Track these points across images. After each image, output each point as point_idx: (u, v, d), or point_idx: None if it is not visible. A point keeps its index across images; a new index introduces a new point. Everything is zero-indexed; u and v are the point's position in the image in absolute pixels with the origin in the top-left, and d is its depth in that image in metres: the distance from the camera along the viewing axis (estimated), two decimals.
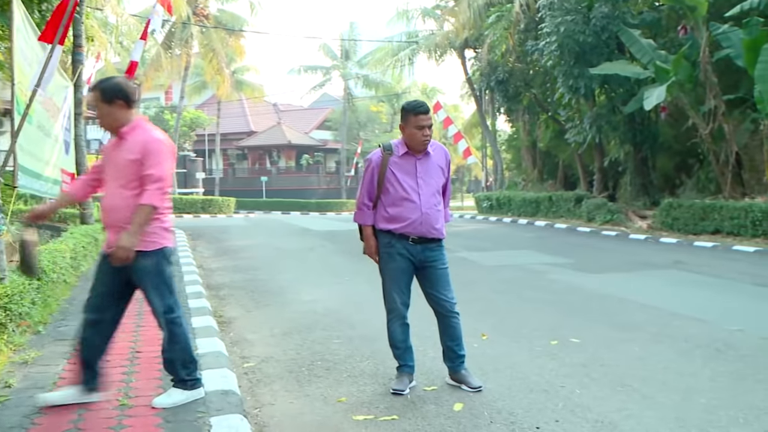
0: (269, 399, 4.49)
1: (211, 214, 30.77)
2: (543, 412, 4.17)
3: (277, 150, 52.26)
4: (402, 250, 4.58)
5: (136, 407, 3.95)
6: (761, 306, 7.66)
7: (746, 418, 4.05)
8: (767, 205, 13.63)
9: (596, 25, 17.14)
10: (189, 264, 10.52)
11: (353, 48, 49.87)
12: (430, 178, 4.57)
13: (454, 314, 4.68)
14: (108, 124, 4.04)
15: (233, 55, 38.07)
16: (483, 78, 24.84)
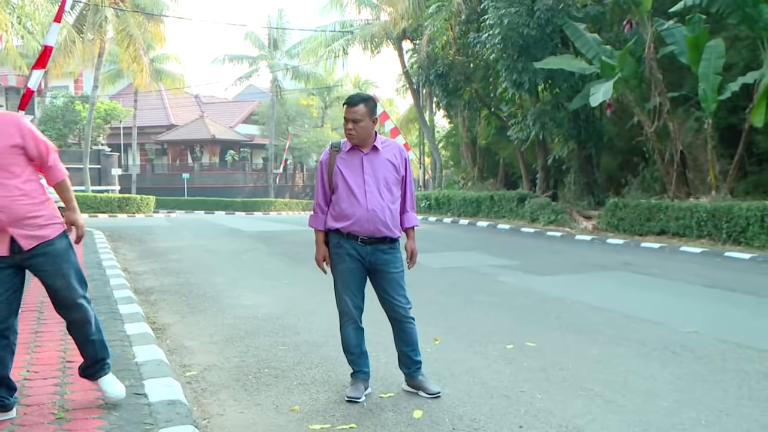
0: (217, 409, 4.47)
1: (129, 213, 30.13)
2: (506, 418, 4.28)
3: (199, 145, 51.44)
4: (351, 251, 4.62)
5: (75, 420, 3.86)
6: (713, 307, 8.00)
7: (708, 419, 4.25)
8: (712, 206, 14.22)
9: (540, 18, 17.52)
10: (113, 267, 10.29)
11: (282, 37, 49.58)
12: (379, 174, 4.61)
13: (409, 319, 4.74)
14: None
15: (152, 42, 37.28)
16: (422, 71, 25.05)
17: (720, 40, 14.93)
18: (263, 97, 54.89)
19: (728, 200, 14.51)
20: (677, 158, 16.32)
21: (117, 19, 32.86)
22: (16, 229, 3.89)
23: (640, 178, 18.64)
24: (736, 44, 16.08)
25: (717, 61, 14.64)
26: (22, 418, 3.89)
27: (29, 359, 5.11)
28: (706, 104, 14.85)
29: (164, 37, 36.78)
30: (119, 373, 4.74)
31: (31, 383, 4.55)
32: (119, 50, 35.04)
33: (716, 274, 10.37)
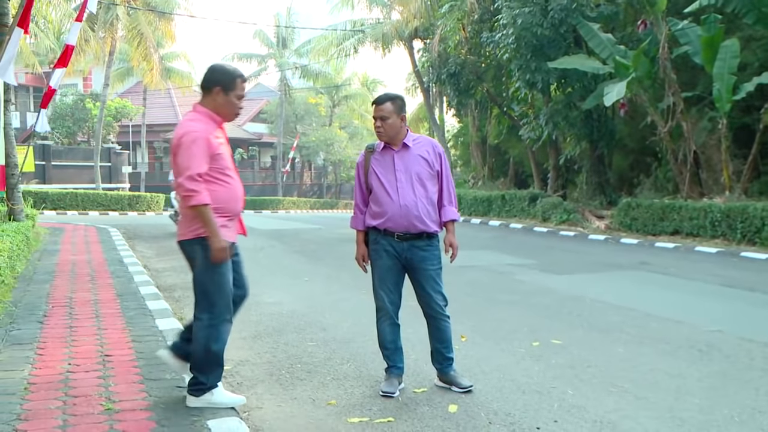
0: (256, 402, 4.55)
1: (139, 211, 30.27)
2: (540, 413, 4.35)
3: None
4: (388, 247, 4.73)
5: (124, 411, 3.96)
6: (734, 307, 8.06)
7: (741, 417, 4.32)
8: (726, 206, 14.26)
9: (554, 18, 17.56)
10: (134, 264, 10.40)
11: (291, 36, 49.63)
12: (410, 170, 4.70)
13: (444, 317, 4.83)
14: None
15: (162, 40, 37.41)
16: (433, 70, 25.11)
17: (735, 40, 14.96)
18: (271, 95, 54.96)
19: (742, 200, 14.56)
20: (690, 158, 16.36)
21: (128, 17, 33.02)
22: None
23: (653, 178, 18.69)
24: (752, 44, 16.10)
25: (732, 61, 14.68)
26: (73, 409, 3.99)
27: (68, 353, 5.20)
28: (721, 104, 14.89)
29: (174, 36, 36.89)
30: (159, 367, 4.86)
31: (75, 375, 4.64)
32: (129, 48, 35.18)
33: (734, 274, 10.42)
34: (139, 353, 5.23)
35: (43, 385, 4.42)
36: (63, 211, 27.33)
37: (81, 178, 35.02)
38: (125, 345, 5.47)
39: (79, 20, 11.84)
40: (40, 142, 33.53)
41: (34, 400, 4.14)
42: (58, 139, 37.42)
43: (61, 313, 6.63)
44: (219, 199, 4.01)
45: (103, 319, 6.39)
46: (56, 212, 26.70)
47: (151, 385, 4.46)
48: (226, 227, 4.05)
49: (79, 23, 11.76)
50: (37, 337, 5.65)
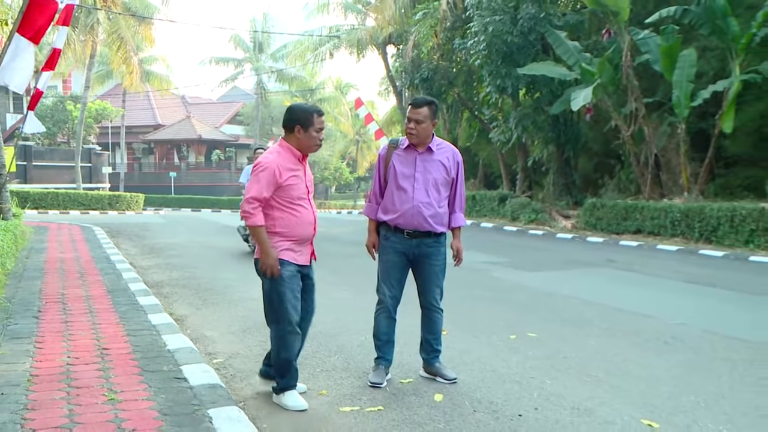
0: (250, 393, 4.61)
1: (119, 210, 30.01)
2: (521, 401, 4.46)
3: (186, 144, 51.21)
4: (397, 245, 4.80)
5: (127, 402, 3.99)
6: (696, 302, 8.26)
7: (706, 402, 4.47)
8: (685, 207, 14.56)
9: (524, 26, 17.78)
10: (121, 261, 10.37)
11: (267, 41, 49.49)
12: (429, 174, 4.77)
13: (438, 310, 4.95)
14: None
15: (141, 44, 37.10)
16: (406, 75, 25.20)
17: (692, 50, 15.27)
18: (248, 98, 54.78)
19: (700, 201, 14.87)
20: (651, 161, 16.67)
21: (109, 21, 32.67)
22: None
23: (616, 179, 18.98)
24: (707, 54, 16.42)
25: (689, 70, 14.99)
26: (77, 399, 4.01)
27: (67, 346, 5.21)
28: (680, 110, 15.18)
29: (154, 40, 36.61)
30: (156, 359, 4.90)
31: (75, 368, 4.65)
32: (109, 52, 34.83)
33: (694, 271, 10.65)
34: (135, 346, 5.25)
35: (45, 378, 4.43)
36: (44, 210, 27.02)
37: (61, 178, 34.63)
38: (121, 339, 5.48)
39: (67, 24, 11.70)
40: (22, 142, 33.07)
41: (39, 391, 4.16)
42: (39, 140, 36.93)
43: (56, 309, 6.61)
44: (286, 224, 4.30)
45: (97, 315, 6.38)
46: (38, 211, 26.38)
47: (150, 377, 4.49)
48: (291, 250, 4.33)
49: (66, 27, 11.62)
50: (35, 332, 5.64)
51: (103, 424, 3.61)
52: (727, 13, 14.28)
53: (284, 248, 4.29)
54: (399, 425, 4.01)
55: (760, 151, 16.29)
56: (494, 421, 4.10)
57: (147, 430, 3.54)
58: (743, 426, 4.07)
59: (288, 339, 4.34)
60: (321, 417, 4.18)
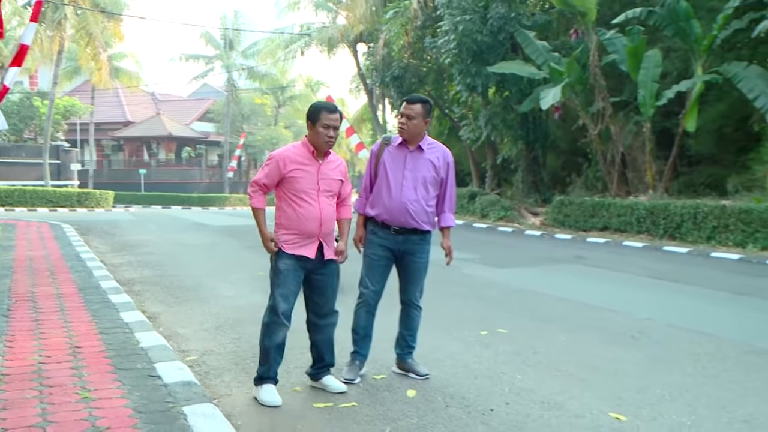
0: (225, 390, 4.59)
1: (88, 207, 29.59)
2: (492, 396, 4.51)
3: (156, 141, 50.66)
4: (384, 240, 4.81)
5: (101, 399, 3.95)
6: (661, 297, 8.40)
7: (671, 395, 4.56)
8: (650, 204, 14.79)
9: (493, 25, 17.90)
10: (92, 259, 10.25)
11: (237, 38, 49.12)
12: (418, 172, 4.79)
13: (417, 307, 4.99)
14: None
15: (110, 40, 36.60)
16: (377, 73, 25.20)
17: (657, 51, 15.51)
18: (218, 95, 54.36)
19: (664, 199, 15.11)
20: (618, 159, 16.89)
21: (77, 16, 32.16)
22: (325, 240, 4.47)
23: (584, 177, 19.21)
24: (671, 55, 16.70)
25: (654, 70, 15.22)
26: (50, 398, 3.96)
27: (38, 345, 5.14)
28: (645, 109, 15.40)
29: (123, 36, 36.14)
30: (129, 357, 4.86)
31: (47, 366, 4.59)
32: (77, 47, 34.31)
33: (659, 267, 10.82)
34: (108, 344, 5.20)
35: (16, 376, 4.38)
36: (11, 208, 26.55)
37: (29, 175, 34.07)
38: (94, 337, 5.42)
39: (35, 20, 11.54)
40: None
41: (10, 390, 4.10)
42: (5, 136, 36.28)
43: (26, 307, 6.52)
44: (288, 217, 4.41)
45: (68, 313, 6.31)
46: (4, 209, 25.92)
47: (124, 375, 4.45)
48: (292, 243, 4.40)
49: (35, 24, 11.47)
50: (5, 330, 5.56)
51: (76, 423, 3.57)
52: (690, 16, 14.52)
53: (285, 240, 4.39)
54: (372, 421, 4.03)
55: (721, 150, 16.62)
56: (466, 415, 4.14)
57: (122, 428, 3.51)
58: (705, 417, 4.16)
59: (271, 327, 4.42)
60: (295, 413, 4.18)
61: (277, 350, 4.42)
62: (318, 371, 4.66)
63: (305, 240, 4.40)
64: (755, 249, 12.18)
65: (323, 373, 4.65)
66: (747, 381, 4.90)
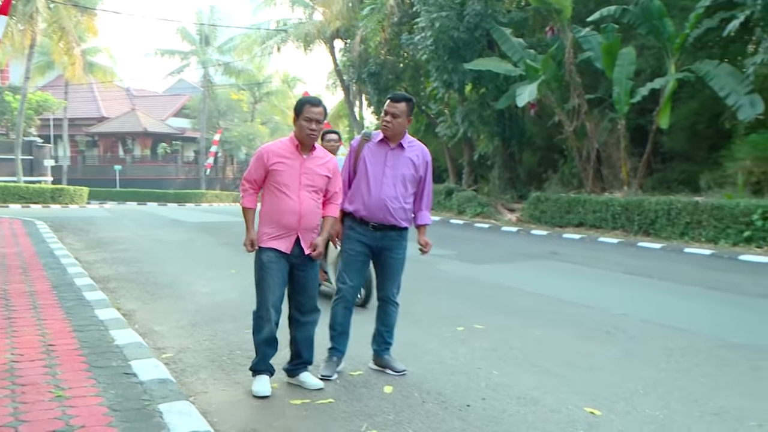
0: (201, 387, 4.56)
1: (62, 204, 29.25)
2: (469, 392, 4.53)
3: (131, 137, 50.15)
4: (362, 236, 4.81)
5: (75, 398, 3.90)
6: (636, 292, 8.49)
7: (645, 389, 4.62)
8: (625, 200, 14.93)
9: (470, 22, 17.95)
10: (66, 256, 10.12)
11: (213, 33, 48.74)
12: (398, 169, 4.80)
13: (394, 303, 4.99)
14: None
15: (84, 35, 36.11)
16: (354, 69, 25.19)
17: (631, 48, 15.65)
18: (194, 91, 53.91)
19: (639, 195, 15.25)
20: (593, 156, 17.03)
21: (49, 10, 31.68)
22: (304, 235, 4.47)
23: (560, 173, 19.33)
24: (645, 53, 16.85)
25: (629, 67, 15.36)
26: (22, 397, 3.90)
27: (10, 343, 5.06)
28: (620, 106, 15.54)
29: (97, 30, 35.71)
30: (104, 355, 4.81)
31: (20, 365, 4.52)
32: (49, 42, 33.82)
33: (634, 263, 10.93)
34: (82, 342, 5.13)
35: None
36: None
37: (0, 171, 33.57)
38: (68, 335, 5.36)
39: (5, 13, 11.33)
40: None
41: None
42: None
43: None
44: (268, 208, 4.47)
45: (41, 310, 6.22)
46: None
47: (99, 373, 4.40)
48: (272, 236, 4.42)
49: (5, 17, 11.26)
50: None
51: (50, 422, 3.52)
52: (663, 14, 14.68)
53: (265, 233, 4.43)
54: (349, 417, 4.03)
55: (693, 147, 16.81)
56: (443, 411, 4.15)
57: (96, 426, 3.47)
58: (677, 410, 4.21)
59: (259, 323, 4.45)
60: (272, 409, 4.17)
61: (266, 344, 4.46)
62: (295, 368, 4.64)
63: (282, 233, 4.40)
64: (727, 244, 12.34)
65: (300, 369, 4.64)
66: (718, 375, 4.97)
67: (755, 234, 11.97)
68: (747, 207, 12.16)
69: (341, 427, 3.88)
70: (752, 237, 12.02)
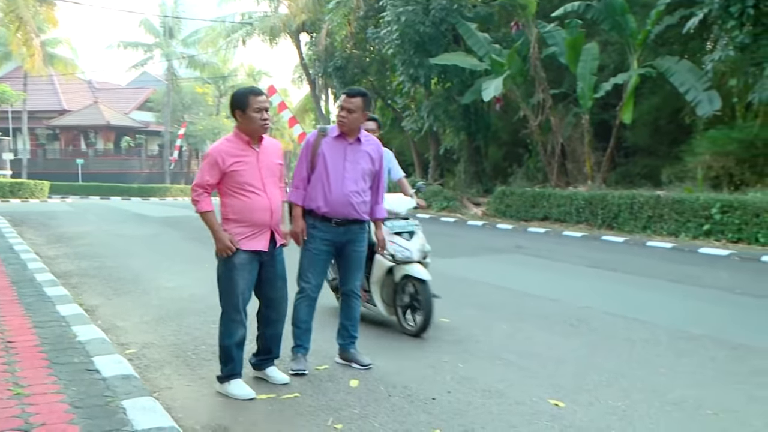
0: (165, 383, 4.52)
1: (22, 198, 28.68)
2: (435, 385, 4.55)
3: (94, 131, 49.22)
4: (326, 234, 4.78)
5: (35, 395, 3.83)
6: (599, 285, 8.61)
7: (608, 381, 4.68)
8: (589, 194, 15.11)
9: (435, 17, 18.01)
10: (26, 251, 9.93)
11: (178, 26, 48.09)
12: (358, 164, 4.79)
13: (357, 296, 4.99)
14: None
15: (43, 26, 35.37)
16: (320, 63, 25.08)
17: (594, 44, 15.83)
18: (158, 84, 53.15)
19: (602, 189, 15.45)
20: (558, 150, 17.20)
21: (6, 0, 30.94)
22: (277, 229, 4.44)
23: (525, 168, 19.50)
24: (608, 48, 17.08)
25: (592, 63, 15.52)
26: None
27: None
28: (584, 101, 15.70)
29: (57, 21, 34.96)
30: (66, 351, 4.74)
31: None
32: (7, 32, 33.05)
33: (597, 256, 11.07)
34: (43, 339, 5.05)
35: None
36: None
37: None
38: (28, 331, 5.26)
39: None
40: None
41: None
42: None
43: None
44: (238, 210, 4.30)
45: (0, 307, 6.10)
46: None
47: (60, 369, 4.33)
48: (246, 237, 4.30)
49: None
50: None
51: (8, 420, 3.46)
52: (625, 11, 14.86)
53: (237, 234, 4.28)
54: (315, 411, 4.02)
55: (655, 141, 17.10)
56: (408, 404, 4.16)
57: (57, 424, 3.42)
58: (638, 401, 4.28)
59: (231, 326, 4.35)
60: (237, 404, 4.15)
61: (238, 347, 4.38)
62: (262, 362, 4.62)
63: (257, 231, 4.33)
64: (687, 238, 12.57)
65: (267, 363, 4.62)
66: (678, 366, 5.06)
67: (714, 227, 12.22)
68: (706, 201, 12.40)
69: (307, 421, 3.88)
70: (711, 230, 12.26)
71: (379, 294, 5.97)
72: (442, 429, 3.77)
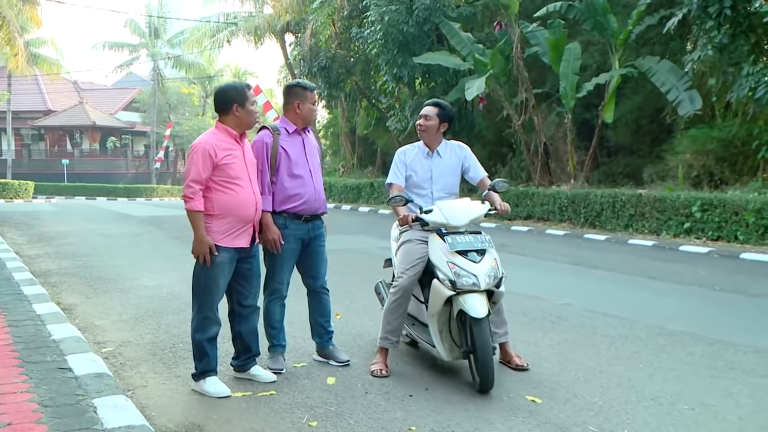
0: (140, 381, 4.45)
1: (6, 198, 28.43)
2: (412, 382, 4.51)
3: (79, 131, 48.91)
4: (296, 231, 4.70)
5: (4, 395, 3.75)
6: (580, 282, 8.60)
7: (585, 377, 4.65)
8: (572, 193, 15.12)
9: (419, 16, 17.97)
10: (6, 250, 9.82)
11: (163, 26, 47.86)
12: (314, 158, 4.78)
13: (326, 290, 4.93)
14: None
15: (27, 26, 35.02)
16: (304, 63, 24.97)
17: (577, 44, 15.84)
18: (144, 84, 52.90)
19: (585, 188, 15.47)
20: (541, 149, 17.21)
21: None
22: (257, 222, 4.43)
23: (509, 167, 19.50)
24: (590, 48, 17.10)
25: (575, 62, 15.53)
26: None
27: None
28: (566, 101, 15.71)
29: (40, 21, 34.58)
30: (39, 350, 4.65)
31: None
32: None
33: (579, 254, 11.07)
34: (16, 337, 4.96)
35: None
36: None
37: None
38: (1, 330, 5.17)
39: None
40: None
41: None
42: None
43: None
44: (225, 205, 4.20)
45: None
46: None
47: (32, 368, 4.25)
48: (230, 234, 4.23)
49: None
50: None
51: None
52: (607, 11, 14.89)
53: (222, 232, 4.20)
54: (291, 409, 3.97)
55: (637, 141, 17.14)
56: (385, 402, 4.11)
57: (24, 423, 3.33)
58: (616, 396, 4.25)
59: (205, 323, 4.28)
60: (211, 402, 4.09)
61: (210, 342, 4.30)
62: (245, 362, 4.54)
63: (241, 227, 4.27)
64: (668, 236, 12.60)
65: (251, 363, 4.55)
66: (656, 361, 5.03)
67: (694, 225, 12.25)
68: (687, 199, 12.43)
69: (282, 419, 3.82)
70: (692, 228, 12.29)
71: (437, 330, 4.56)
72: (419, 426, 3.72)
